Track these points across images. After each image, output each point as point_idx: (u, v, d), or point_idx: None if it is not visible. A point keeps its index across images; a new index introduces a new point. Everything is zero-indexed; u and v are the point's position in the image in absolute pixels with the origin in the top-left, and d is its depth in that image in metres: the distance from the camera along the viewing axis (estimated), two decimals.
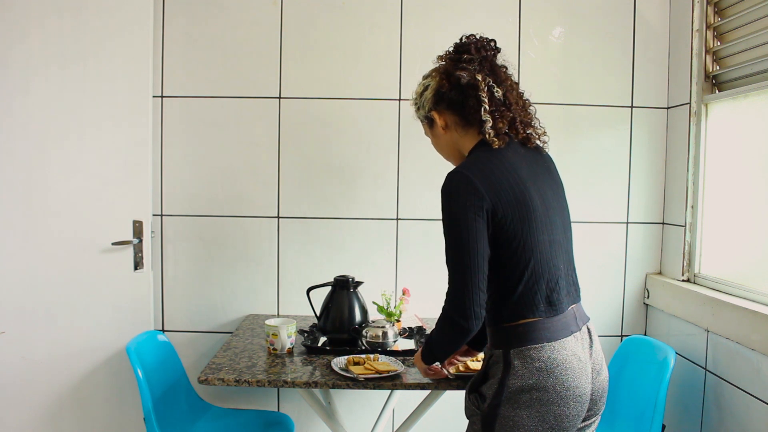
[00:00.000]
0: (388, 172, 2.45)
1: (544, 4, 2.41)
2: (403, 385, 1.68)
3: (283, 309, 2.48)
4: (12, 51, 2.19)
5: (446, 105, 1.44)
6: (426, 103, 1.48)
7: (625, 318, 2.49)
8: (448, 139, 1.48)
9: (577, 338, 1.35)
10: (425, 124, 1.54)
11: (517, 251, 1.31)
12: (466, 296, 1.29)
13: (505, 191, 1.30)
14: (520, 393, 1.27)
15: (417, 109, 1.53)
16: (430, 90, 1.47)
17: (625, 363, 2.22)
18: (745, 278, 2.02)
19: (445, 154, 1.54)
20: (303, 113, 2.44)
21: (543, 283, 1.32)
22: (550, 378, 1.27)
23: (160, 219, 2.44)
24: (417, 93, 1.52)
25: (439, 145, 1.54)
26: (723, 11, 2.18)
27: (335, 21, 2.42)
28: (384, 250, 2.47)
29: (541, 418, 1.27)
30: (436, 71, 1.48)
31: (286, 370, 1.77)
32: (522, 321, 1.31)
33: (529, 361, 1.28)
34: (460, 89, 1.41)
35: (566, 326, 1.34)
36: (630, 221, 2.47)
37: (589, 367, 1.34)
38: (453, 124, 1.45)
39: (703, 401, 2.06)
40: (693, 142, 2.26)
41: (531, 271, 1.31)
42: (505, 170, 1.33)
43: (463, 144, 1.46)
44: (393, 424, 2.47)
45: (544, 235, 1.34)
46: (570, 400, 1.28)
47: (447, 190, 1.33)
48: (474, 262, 1.29)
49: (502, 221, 1.29)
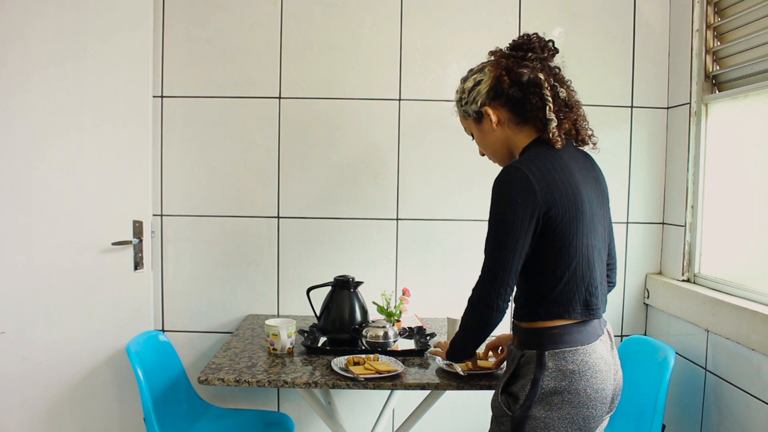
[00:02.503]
0: (388, 172, 2.45)
1: (544, 4, 2.41)
2: (403, 385, 1.68)
3: (283, 309, 2.48)
4: (11, 50, 2.19)
5: (504, 101, 1.42)
6: (479, 97, 1.45)
7: (625, 318, 2.49)
8: (499, 136, 1.46)
9: (603, 341, 1.37)
10: (471, 121, 1.50)
11: (561, 251, 1.32)
12: (494, 288, 1.33)
13: (559, 191, 1.31)
14: (553, 395, 1.29)
15: (465, 103, 1.49)
16: (485, 85, 1.44)
17: (625, 363, 2.20)
18: (745, 278, 2.02)
19: (492, 150, 1.51)
20: (303, 113, 2.44)
21: (582, 286, 1.34)
22: (581, 381, 1.29)
23: (160, 219, 2.44)
24: (466, 88, 1.48)
25: (487, 142, 1.50)
26: (723, 11, 2.18)
27: (335, 21, 2.42)
28: (384, 250, 2.47)
29: (571, 420, 1.29)
30: (493, 66, 1.45)
31: (286, 370, 1.76)
32: (558, 322, 1.33)
33: (563, 363, 1.30)
34: (521, 86, 1.40)
35: (595, 330, 1.36)
36: (630, 221, 2.47)
37: (612, 368, 1.36)
38: (507, 121, 1.44)
39: (703, 401, 2.06)
40: (693, 142, 2.26)
41: (573, 272, 1.33)
42: (561, 170, 1.34)
43: (515, 141, 1.45)
44: (393, 424, 2.47)
45: (589, 239, 1.36)
46: (597, 402, 1.30)
47: (500, 183, 1.33)
48: (510, 258, 1.31)
49: (553, 220, 1.30)
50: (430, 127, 2.41)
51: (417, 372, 1.76)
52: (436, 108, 2.41)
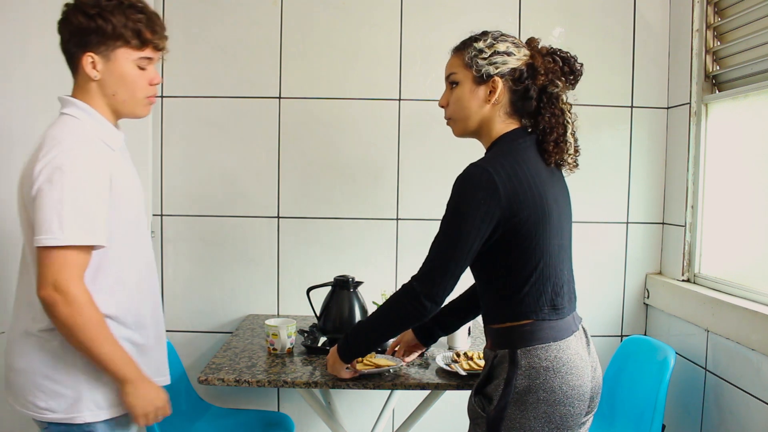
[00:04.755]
0: (388, 172, 2.45)
1: (544, 4, 2.41)
2: (403, 385, 1.68)
3: (283, 309, 2.48)
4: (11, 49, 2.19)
5: (517, 89, 1.35)
6: (501, 66, 1.34)
7: (625, 318, 2.49)
8: (483, 111, 1.37)
9: (577, 337, 1.35)
10: (470, 74, 1.36)
11: (527, 251, 1.30)
12: (441, 284, 1.31)
13: (525, 193, 1.28)
14: (527, 394, 1.27)
15: (482, 58, 1.34)
16: (515, 61, 1.35)
17: (625, 363, 2.22)
18: (745, 278, 2.02)
19: (463, 116, 1.40)
20: (303, 113, 2.44)
21: (549, 287, 1.32)
22: (557, 378, 1.27)
23: (160, 219, 2.44)
24: (496, 48, 1.35)
25: (465, 105, 1.38)
26: (723, 11, 2.18)
27: (335, 21, 2.42)
28: (384, 250, 2.47)
29: (547, 418, 1.26)
30: (533, 55, 1.37)
31: (286, 370, 1.76)
32: (526, 321, 1.31)
33: (537, 360, 1.28)
34: (543, 93, 1.36)
35: (568, 326, 1.34)
36: (630, 221, 2.47)
37: (589, 365, 1.34)
38: (502, 105, 1.37)
39: (703, 401, 2.06)
40: (693, 142, 2.26)
41: (539, 273, 1.31)
42: (529, 171, 1.31)
43: (493, 125, 1.38)
44: (393, 424, 2.47)
45: (556, 239, 1.34)
46: (575, 399, 1.28)
47: (465, 182, 1.29)
48: (463, 257, 1.29)
49: (518, 223, 1.28)
50: (430, 127, 2.41)
51: (417, 372, 1.76)
52: (436, 108, 2.38)
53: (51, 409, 1.28)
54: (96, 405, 1.29)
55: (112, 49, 1.31)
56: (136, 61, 1.33)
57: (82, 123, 1.31)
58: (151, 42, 1.34)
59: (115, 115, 1.38)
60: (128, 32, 1.30)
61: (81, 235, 1.20)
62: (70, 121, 1.31)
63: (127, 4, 1.31)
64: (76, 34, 1.31)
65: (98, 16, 1.28)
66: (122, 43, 1.31)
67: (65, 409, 1.28)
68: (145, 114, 1.42)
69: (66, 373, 1.28)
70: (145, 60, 1.35)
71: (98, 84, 1.33)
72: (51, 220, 1.18)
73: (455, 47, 1.44)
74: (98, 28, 1.28)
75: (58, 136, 1.26)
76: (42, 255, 1.21)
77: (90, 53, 1.30)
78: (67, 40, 1.33)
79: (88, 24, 1.28)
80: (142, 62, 1.35)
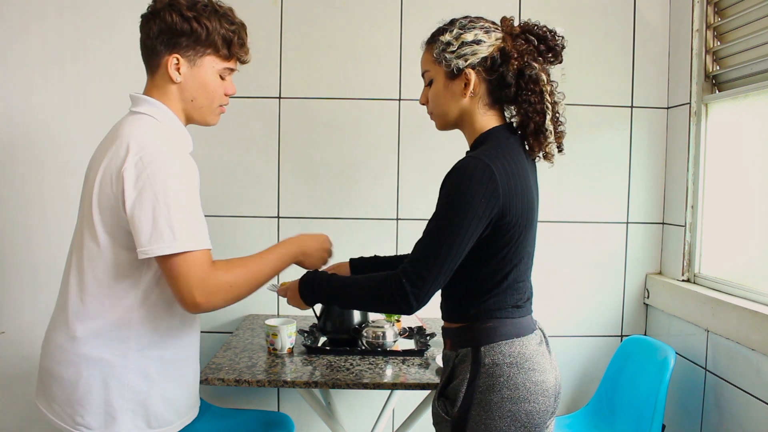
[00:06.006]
0: (388, 172, 2.45)
1: (544, 4, 2.41)
2: (403, 385, 1.68)
3: (283, 309, 2.48)
4: (11, 49, 2.19)
5: (492, 78, 1.28)
6: (471, 57, 1.27)
7: (625, 318, 2.49)
8: (461, 104, 1.31)
9: (537, 335, 1.32)
10: (441, 70, 1.32)
11: (506, 257, 1.25)
12: (434, 282, 1.19)
13: (518, 197, 1.22)
14: (491, 393, 1.22)
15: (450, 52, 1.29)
16: (485, 49, 1.27)
17: (625, 363, 2.22)
18: (745, 278, 2.02)
19: (443, 111, 1.36)
20: (303, 113, 2.44)
21: (516, 290, 1.28)
22: (520, 374, 1.23)
23: None
24: (463, 38, 1.29)
25: (443, 101, 1.34)
26: (723, 11, 2.18)
27: (335, 21, 2.42)
28: (384, 250, 2.46)
29: (513, 417, 1.22)
30: (504, 38, 1.29)
31: (286, 370, 1.77)
32: (489, 320, 1.27)
33: (500, 356, 1.23)
34: (521, 77, 1.27)
35: (529, 324, 1.31)
36: (630, 221, 2.47)
37: (550, 363, 1.31)
38: (480, 96, 1.30)
39: (703, 401, 2.06)
40: (693, 142, 2.26)
41: (513, 277, 1.27)
42: (521, 173, 1.25)
43: (475, 119, 1.32)
44: (393, 424, 2.47)
45: (529, 247, 1.31)
46: (539, 395, 1.24)
47: (464, 174, 1.19)
48: (457, 252, 1.19)
49: (506, 226, 1.22)
50: (430, 127, 2.38)
51: (417, 372, 1.76)
52: None
53: (88, 425, 1.22)
54: (136, 427, 1.24)
55: (201, 55, 1.27)
56: (219, 70, 1.31)
57: (162, 125, 1.27)
58: (238, 54, 1.32)
59: (187, 119, 1.35)
60: (220, 41, 1.27)
61: (196, 238, 1.19)
62: (150, 121, 1.26)
63: (222, 12, 1.28)
64: (165, 33, 1.25)
65: (194, 19, 1.24)
66: (212, 51, 1.28)
67: (101, 426, 1.22)
68: (215, 123, 1.39)
69: (116, 391, 1.22)
70: (227, 71, 1.33)
71: (178, 87, 1.29)
72: (163, 228, 1.15)
73: (425, 40, 1.39)
74: (192, 31, 1.24)
75: (143, 137, 1.20)
76: (170, 265, 1.17)
77: (177, 55, 1.26)
78: (153, 36, 1.26)
79: (182, 25, 1.24)
80: (224, 72, 1.32)
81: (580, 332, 2.47)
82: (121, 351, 1.23)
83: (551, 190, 2.48)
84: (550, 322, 2.48)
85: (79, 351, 1.23)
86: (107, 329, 1.22)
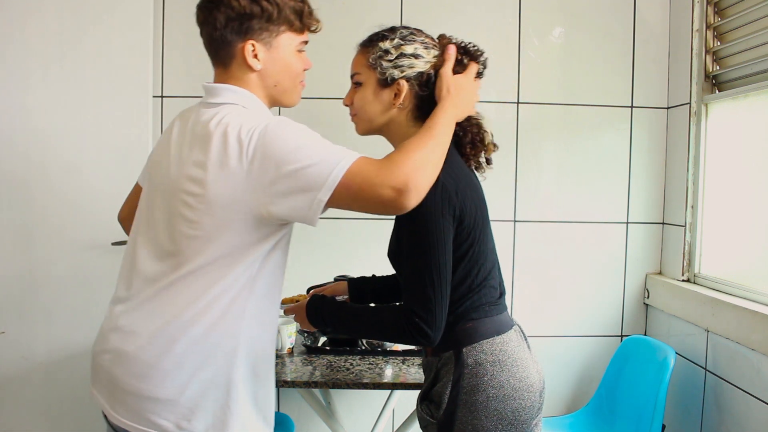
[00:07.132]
0: None
1: (544, 4, 2.41)
2: (403, 385, 1.68)
3: None
4: (11, 49, 2.19)
5: (424, 94, 1.29)
6: (407, 69, 1.29)
7: (625, 318, 2.49)
8: (389, 114, 1.33)
9: (516, 331, 1.33)
10: (374, 75, 1.33)
11: (472, 258, 1.26)
12: (437, 306, 1.19)
13: (469, 198, 1.24)
14: (476, 393, 1.22)
15: (387, 60, 1.30)
16: (422, 64, 1.29)
17: (625, 363, 2.22)
18: (745, 278, 2.03)
19: (368, 119, 1.38)
20: (303, 113, 2.43)
21: (488, 288, 1.29)
22: (503, 371, 1.24)
23: None
24: (403, 50, 1.29)
25: (371, 109, 1.37)
26: (723, 11, 2.18)
27: (335, 20, 2.41)
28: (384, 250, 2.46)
29: (499, 416, 1.22)
30: (447, 53, 1.30)
31: (286, 370, 1.76)
32: (469, 322, 1.27)
33: (483, 356, 1.24)
34: None
35: (507, 321, 1.32)
36: (630, 221, 2.47)
37: (532, 359, 1.31)
38: (408, 108, 1.31)
39: (703, 401, 2.06)
40: (693, 142, 2.26)
41: (482, 277, 1.28)
42: (465, 174, 1.29)
43: (401, 127, 1.34)
44: (393, 424, 2.47)
45: (490, 243, 1.32)
46: (524, 391, 1.25)
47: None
48: (446, 270, 1.20)
49: (467, 229, 1.24)
50: None
51: (417, 372, 1.76)
52: None
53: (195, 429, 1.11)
54: None
55: (276, 35, 1.18)
56: (297, 45, 1.22)
57: (251, 113, 1.15)
58: (309, 24, 1.23)
59: (271, 105, 1.26)
60: (292, 14, 1.18)
61: (346, 152, 1.11)
62: (238, 109, 1.14)
63: None
64: (234, 20, 1.14)
65: None
66: (286, 27, 1.18)
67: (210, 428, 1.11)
68: (298, 102, 1.31)
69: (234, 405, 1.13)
70: (303, 44, 1.24)
71: (258, 75, 1.19)
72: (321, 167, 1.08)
73: (361, 42, 1.38)
74: (263, 11, 1.14)
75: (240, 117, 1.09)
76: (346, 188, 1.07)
77: (251, 41, 1.16)
78: (221, 27, 1.16)
79: (251, 8, 1.13)
80: (301, 46, 1.24)
81: (580, 332, 2.47)
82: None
83: (551, 190, 2.48)
84: (550, 322, 2.50)
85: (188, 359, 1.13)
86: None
